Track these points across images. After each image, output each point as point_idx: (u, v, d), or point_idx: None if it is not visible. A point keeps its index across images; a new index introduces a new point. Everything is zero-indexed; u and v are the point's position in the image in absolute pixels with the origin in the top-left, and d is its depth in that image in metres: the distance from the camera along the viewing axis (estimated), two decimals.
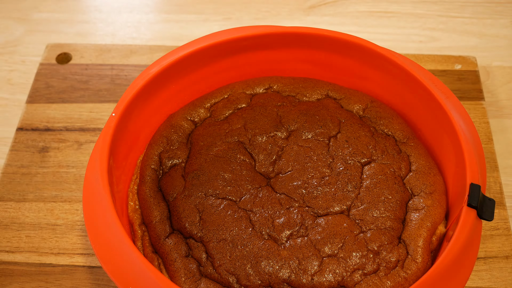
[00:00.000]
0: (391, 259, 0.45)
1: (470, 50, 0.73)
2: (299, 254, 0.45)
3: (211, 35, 0.55)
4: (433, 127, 0.52)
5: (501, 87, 0.69)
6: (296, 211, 0.48)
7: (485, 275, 0.51)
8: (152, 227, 0.48)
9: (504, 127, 0.65)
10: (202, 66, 0.56)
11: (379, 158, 0.51)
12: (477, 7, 0.79)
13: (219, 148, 0.52)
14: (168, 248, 0.47)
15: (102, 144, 0.46)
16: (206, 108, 0.57)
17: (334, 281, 0.44)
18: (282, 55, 0.58)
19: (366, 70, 0.56)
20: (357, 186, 0.49)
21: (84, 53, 0.71)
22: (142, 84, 0.51)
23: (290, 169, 0.51)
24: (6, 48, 0.75)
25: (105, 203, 0.43)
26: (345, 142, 0.52)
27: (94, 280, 0.52)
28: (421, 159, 0.51)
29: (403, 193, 0.49)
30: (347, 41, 0.55)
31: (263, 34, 0.55)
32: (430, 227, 0.46)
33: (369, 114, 0.55)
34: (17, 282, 0.52)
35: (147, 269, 0.39)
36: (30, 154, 0.61)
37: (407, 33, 0.76)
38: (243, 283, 0.44)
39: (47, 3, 0.81)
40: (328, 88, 0.58)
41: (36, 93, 0.66)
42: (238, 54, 0.57)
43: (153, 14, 0.80)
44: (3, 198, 0.58)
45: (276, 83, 0.58)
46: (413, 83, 0.52)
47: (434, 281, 0.39)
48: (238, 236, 0.46)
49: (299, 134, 0.53)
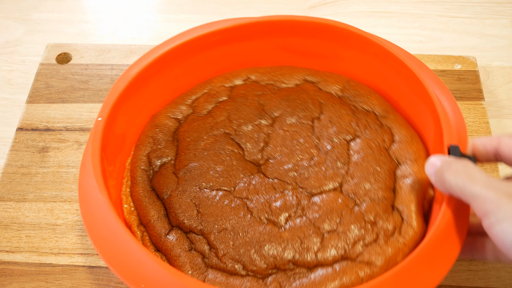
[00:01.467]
0: (388, 227, 0.46)
1: (470, 50, 0.73)
2: (300, 234, 0.46)
3: (185, 32, 0.56)
4: (410, 98, 0.54)
5: (501, 87, 0.69)
6: (291, 193, 0.49)
7: (485, 275, 0.51)
8: (151, 226, 0.49)
9: (504, 127, 0.65)
10: (179, 64, 0.57)
11: (363, 134, 0.53)
12: (477, 7, 0.79)
13: (206, 141, 0.53)
14: (171, 245, 0.47)
15: (92, 150, 0.46)
16: (188, 104, 0.58)
17: (338, 255, 0.45)
18: (257, 45, 0.59)
19: (339, 51, 0.58)
20: (346, 163, 0.51)
21: (84, 53, 0.71)
22: (124, 86, 0.51)
23: (278, 154, 0.52)
24: (6, 48, 0.75)
25: (105, 209, 0.43)
26: (328, 122, 0.54)
27: (94, 280, 0.52)
28: (402, 130, 0.53)
29: (390, 164, 0.51)
30: (316, 24, 0.56)
31: (235, 27, 0.56)
32: (420, 192, 0.48)
33: (347, 93, 0.57)
34: (17, 282, 0.52)
35: (157, 264, 0.39)
36: (30, 154, 0.61)
37: (407, 33, 0.76)
38: (250, 268, 0.45)
39: (47, 3, 0.81)
40: (304, 73, 0.60)
41: (36, 93, 0.66)
42: (213, 49, 0.58)
43: (153, 14, 0.80)
44: (3, 198, 0.58)
45: (254, 73, 0.60)
46: (386, 57, 0.54)
47: (434, 243, 0.41)
48: (238, 224, 0.47)
49: (283, 119, 0.55)
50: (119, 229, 0.42)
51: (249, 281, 0.45)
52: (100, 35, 0.77)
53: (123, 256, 0.41)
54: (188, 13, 0.80)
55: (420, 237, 0.46)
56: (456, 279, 0.51)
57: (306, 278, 0.44)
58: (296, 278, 0.44)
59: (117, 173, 0.52)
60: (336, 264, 0.45)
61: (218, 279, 0.45)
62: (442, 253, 0.41)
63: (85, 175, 0.46)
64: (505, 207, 0.36)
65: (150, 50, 0.55)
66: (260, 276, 0.45)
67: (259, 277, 0.45)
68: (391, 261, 0.44)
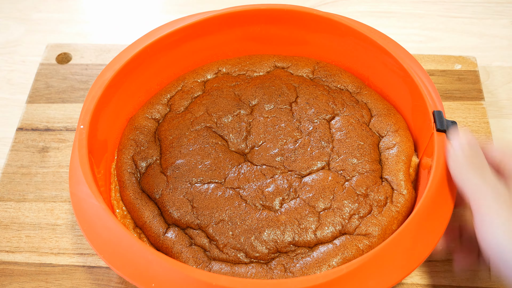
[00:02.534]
0: (380, 197, 0.48)
1: (470, 50, 0.73)
2: (296, 215, 0.47)
3: (153, 31, 0.57)
4: (381, 73, 0.56)
5: (501, 87, 0.69)
6: (281, 177, 0.50)
7: (485, 275, 0.51)
8: (147, 227, 0.49)
9: (504, 127, 0.64)
10: (150, 64, 0.57)
11: (341, 112, 0.55)
12: (477, 7, 0.79)
13: (189, 137, 0.54)
14: (171, 242, 0.47)
15: (80, 157, 0.46)
16: (163, 104, 0.58)
17: (336, 231, 0.46)
18: (224, 38, 0.60)
19: (305, 35, 0.60)
20: (329, 141, 0.52)
21: (84, 53, 0.71)
22: (102, 91, 0.51)
23: (262, 141, 0.53)
24: (6, 48, 0.75)
25: (103, 214, 0.43)
26: (306, 104, 0.56)
27: (94, 280, 0.52)
28: (378, 103, 0.56)
29: (372, 137, 0.53)
30: (279, 11, 0.58)
31: (199, 22, 0.57)
32: (405, 160, 0.50)
33: (319, 75, 0.59)
34: (17, 282, 0.52)
35: (165, 262, 0.39)
36: (30, 154, 0.61)
37: (407, 33, 0.76)
38: (252, 255, 0.46)
39: (47, 3, 0.81)
40: (274, 60, 0.61)
41: (36, 93, 0.66)
42: (182, 45, 0.59)
43: (153, 14, 0.80)
44: (3, 198, 0.58)
45: (224, 66, 0.61)
46: (352, 35, 0.56)
47: (427, 207, 0.43)
48: (234, 213, 0.48)
49: (261, 106, 0.56)
50: (121, 232, 0.42)
51: (254, 267, 0.45)
52: (100, 35, 0.77)
53: (129, 259, 0.41)
54: (188, 13, 0.79)
55: (411, 204, 0.48)
56: (456, 279, 0.51)
57: (309, 257, 0.45)
58: (299, 259, 0.45)
59: (103, 179, 0.51)
60: (335, 240, 0.46)
61: (223, 270, 0.45)
62: (435, 216, 0.43)
63: (76, 183, 0.45)
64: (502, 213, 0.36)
65: (121, 52, 0.55)
66: (263, 261, 0.46)
67: (263, 262, 0.46)
68: (388, 229, 0.46)
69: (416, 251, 0.41)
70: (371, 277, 0.39)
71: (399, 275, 0.40)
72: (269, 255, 0.46)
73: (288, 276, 0.44)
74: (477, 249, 0.45)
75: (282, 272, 0.44)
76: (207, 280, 0.38)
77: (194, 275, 0.39)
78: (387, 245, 0.40)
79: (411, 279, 0.51)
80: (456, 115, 0.63)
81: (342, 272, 0.39)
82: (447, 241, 0.48)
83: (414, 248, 0.41)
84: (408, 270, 0.40)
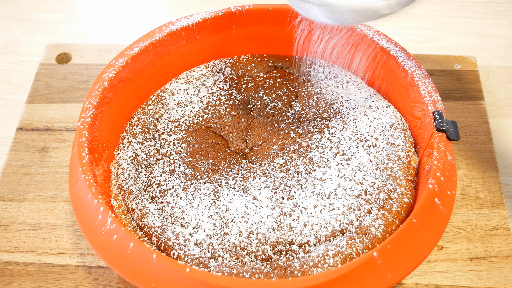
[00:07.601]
0: (380, 197, 0.48)
1: (470, 50, 0.73)
2: (296, 215, 0.47)
3: (152, 31, 0.57)
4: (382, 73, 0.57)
5: (501, 87, 0.69)
6: (281, 177, 0.51)
7: (485, 275, 0.51)
8: (147, 228, 0.48)
9: (504, 127, 0.64)
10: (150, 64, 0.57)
11: (341, 111, 0.56)
12: (477, 7, 0.79)
13: (189, 138, 0.54)
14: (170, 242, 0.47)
15: (80, 157, 0.46)
16: (163, 103, 0.58)
17: (336, 230, 0.47)
18: (223, 37, 0.61)
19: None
20: (329, 141, 0.53)
21: (84, 53, 0.71)
22: (102, 91, 0.51)
23: (262, 141, 0.54)
24: (6, 48, 0.75)
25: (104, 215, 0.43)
26: (306, 104, 0.57)
27: (94, 280, 0.52)
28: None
29: (372, 137, 0.53)
30: (279, 11, 0.58)
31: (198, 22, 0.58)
32: (405, 161, 0.51)
33: (319, 75, 0.60)
34: (17, 282, 0.52)
35: (165, 262, 0.39)
36: (30, 154, 0.61)
37: (407, 33, 0.76)
38: (252, 255, 0.46)
39: (47, 3, 0.81)
40: (272, 60, 0.62)
41: (36, 93, 0.66)
42: (181, 45, 0.59)
43: (153, 14, 0.80)
44: (3, 198, 0.58)
45: (224, 66, 0.62)
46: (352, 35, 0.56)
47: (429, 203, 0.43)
48: (242, 213, 0.48)
49: (261, 107, 0.57)
50: (121, 232, 0.41)
51: (254, 267, 0.45)
52: (100, 35, 0.77)
53: (129, 259, 0.41)
54: (188, 13, 0.79)
55: (411, 204, 0.48)
56: (456, 279, 0.51)
57: (309, 257, 0.45)
58: (299, 259, 0.45)
59: (103, 179, 0.51)
60: (335, 239, 0.46)
61: (223, 270, 0.45)
62: (435, 216, 0.43)
63: (76, 183, 0.45)
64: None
65: (119, 53, 0.55)
66: (263, 261, 0.46)
67: (263, 262, 0.46)
68: (387, 229, 0.46)
69: (416, 251, 0.41)
70: (371, 277, 0.39)
71: (399, 274, 0.40)
72: (269, 255, 0.46)
73: (288, 276, 0.44)
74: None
75: (282, 272, 0.44)
76: (207, 280, 0.38)
77: (194, 275, 0.39)
78: (387, 245, 0.41)
79: (411, 279, 0.51)
80: (456, 115, 0.63)
81: (342, 272, 0.39)
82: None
83: (414, 248, 0.41)
84: (408, 270, 0.40)
